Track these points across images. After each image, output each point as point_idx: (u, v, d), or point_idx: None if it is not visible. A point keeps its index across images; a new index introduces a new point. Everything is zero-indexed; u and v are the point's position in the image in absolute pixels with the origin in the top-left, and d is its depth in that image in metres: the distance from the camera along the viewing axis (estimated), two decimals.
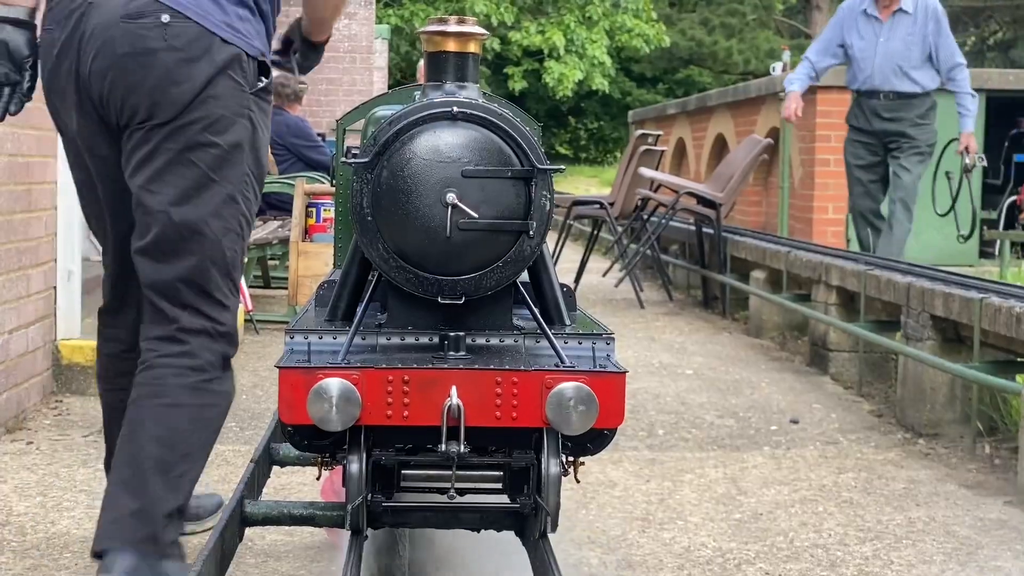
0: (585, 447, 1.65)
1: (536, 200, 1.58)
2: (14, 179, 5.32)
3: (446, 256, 1.57)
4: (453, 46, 1.64)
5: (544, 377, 1.47)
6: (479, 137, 1.57)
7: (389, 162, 1.56)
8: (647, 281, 11.36)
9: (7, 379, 5.30)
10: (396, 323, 1.63)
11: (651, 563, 4.11)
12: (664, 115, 18.82)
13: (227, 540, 1.64)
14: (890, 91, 8.66)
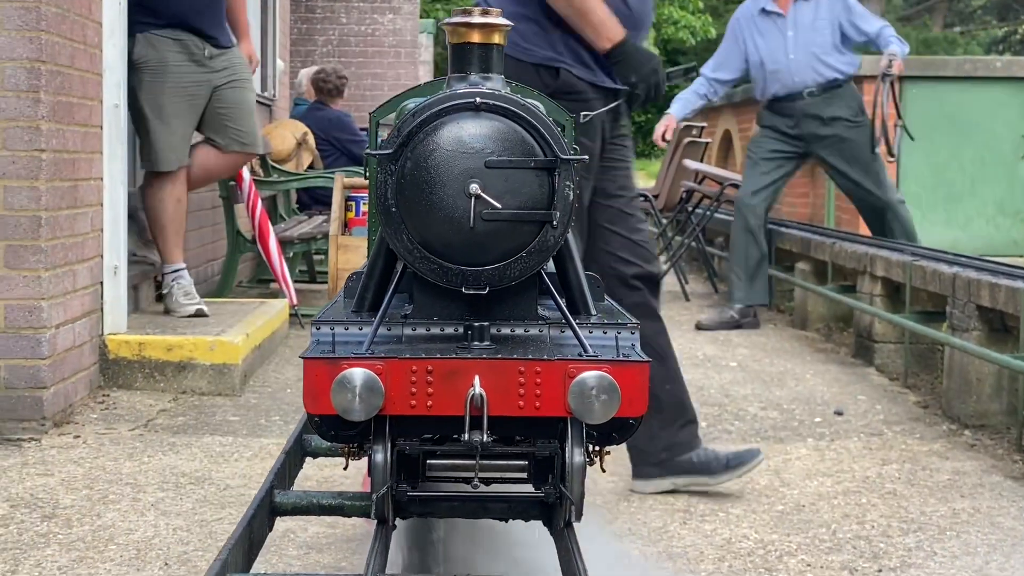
0: (610, 436, 1.65)
1: (560, 190, 1.58)
2: (59, 175, 5.38)
3: (470, 246, 1.57)
4: (477, 37, 1.64)
5: (567, 366, 1.48)
6: (502, 128, 1.58)
7: (413, 153, 1.57)
8: (693, 273, 11.34)
9: (54, 374, 5.35)
10: (422, 314, 1.64)
11: (691, 555, 4.11)
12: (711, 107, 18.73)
13: (255, 529, 1.65)
14: (813, 86, 8.30)
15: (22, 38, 5.16)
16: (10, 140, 5.18)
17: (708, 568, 3.98)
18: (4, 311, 5.23)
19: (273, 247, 7.86)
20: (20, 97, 5.17)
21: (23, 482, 4.64)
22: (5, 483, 4.62)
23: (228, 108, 6.95)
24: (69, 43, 5.50)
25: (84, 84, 5.72)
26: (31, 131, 5.18)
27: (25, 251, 5.21)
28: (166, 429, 5.48)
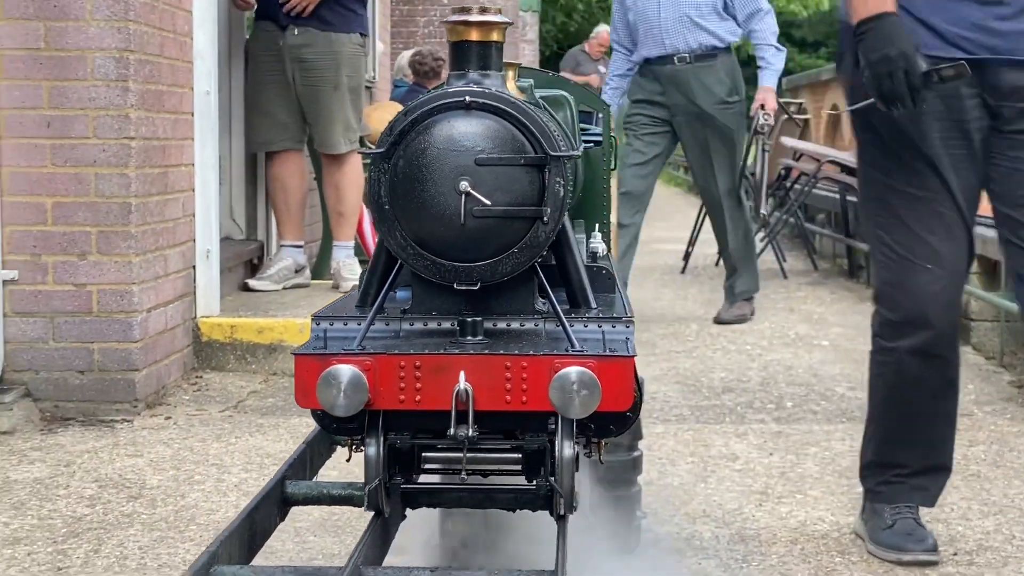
0: (607, 429, 1.67)
1: (550, 186, 1.60)
2: (149, 162, 5.49)
3: (461, 243, 1.60)
4: (476, 35, 1.67)
5: (553, 362, 1.50)
6: (493, 125, 1.60)
7: (405, 152, 1.60)
8: (794, 251, 11.24)
9: (146, 356, 5.48)
10: (420, 309, 1.68)
11: (764, 537, 4.10)
12: (818, 81, 18.51)
13: (258, 520, 1.69)
14: (685, 51, 7.29)
15: (111, 28, 5.27)
16: (100, 128, 5.30)
17: (779, 551, 3.97)
18: (97, 295, 5.36)
19: (368, 229, 7.95)
20: (109, 86, 5.29)
21: (113, 463, 4.76)
22: (95, 464, 4.74)
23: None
24: (158, 32, 5.60)
25: (174, 72, 5.82)
26: (120, 119, 5.30)
27: (116, 237, 5.33)
28: (255, 411, 5.58)
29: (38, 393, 5.35)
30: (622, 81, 7.63)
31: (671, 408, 5.74)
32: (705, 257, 10.78)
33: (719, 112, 7.37)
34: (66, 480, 4.54)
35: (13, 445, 4.95)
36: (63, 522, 4.11)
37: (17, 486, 4.46)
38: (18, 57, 5.27)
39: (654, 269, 10.44)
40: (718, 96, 7.34)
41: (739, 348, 7.08)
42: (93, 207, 5.31)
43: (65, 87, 5.29)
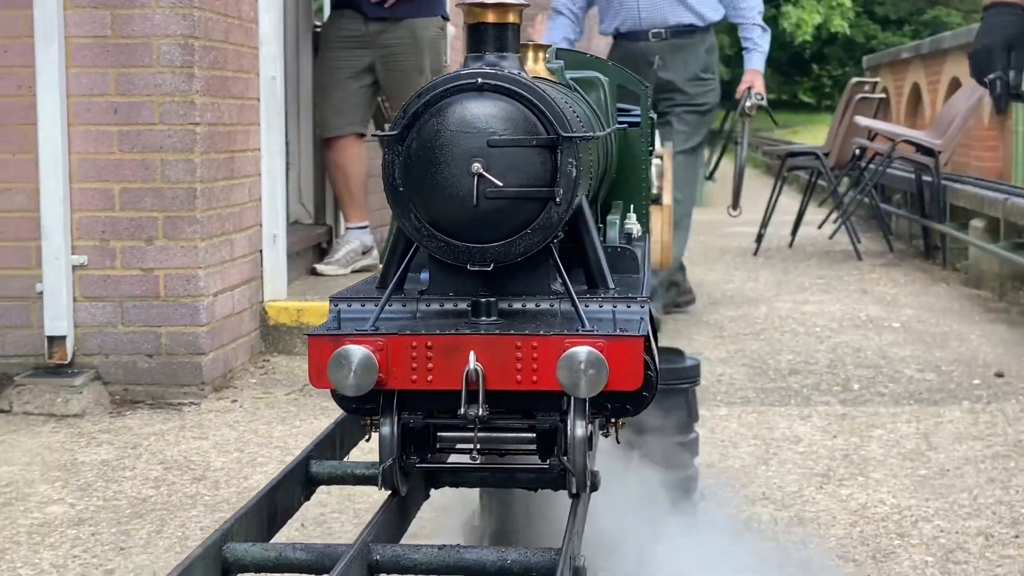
0: (624, 408, 1.67)
1: (562, 167, 1.61)
2: (215, 148, 5.54)
3: (474, 224, 1.61)
4: (492, 17, 1.67)
5: (563, 341, 1.51)
6: (505, 107, 1.61)
7: (418, 134, 1.61)
8: (870, 232, 11.14)
9: (213, 340, 5.54)
10: (436, 290, 1.69)
11: (823, 519, 4.08)
12: (898, 59, 18.29)
13: (279, 499, 1.71)
14: (662, 27, 6.69)
15: (175, 15, 5.32)
16: (166, 115, 5.36)
17: (838, 533, 3.95)
18: (164, 280, 5.42)
19: None
20: (175, 73, 5.35)
21: (179, 445, 4.82)
22: (162, 446, 4.81)
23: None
24: (223, 18, 5.65)
25: (240, 58, 5.88)
26: (185, 105, 5.36)
27: (182, 222, 5.39)
28: (320, 394, 5.62)
29: (108, 376, 5.43)
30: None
31: (736, 391, 5.72)
32: (779, 239, 10.71)
33: (691, 86, 6.81)
34: (132, 462, 4.61)
35: (82, 427, 5.04)
36: (128, 503, 4.17)
37: (85, 468, 4.53)
38: (85, 45, 5.34)
39: (727, 251, 10.39)
40: (692, 72, 6.81)
41: (808, 330, 7.03)
42: (159, 192, 5.37)
43: (131, 74, 5.35)
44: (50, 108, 5.30)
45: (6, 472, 4.47)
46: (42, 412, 5.19)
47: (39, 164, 5.33)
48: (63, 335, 5.37)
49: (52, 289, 5.36)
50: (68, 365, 5.39)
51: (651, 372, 1.64)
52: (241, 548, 1.50)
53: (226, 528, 1.52)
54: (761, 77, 6.84)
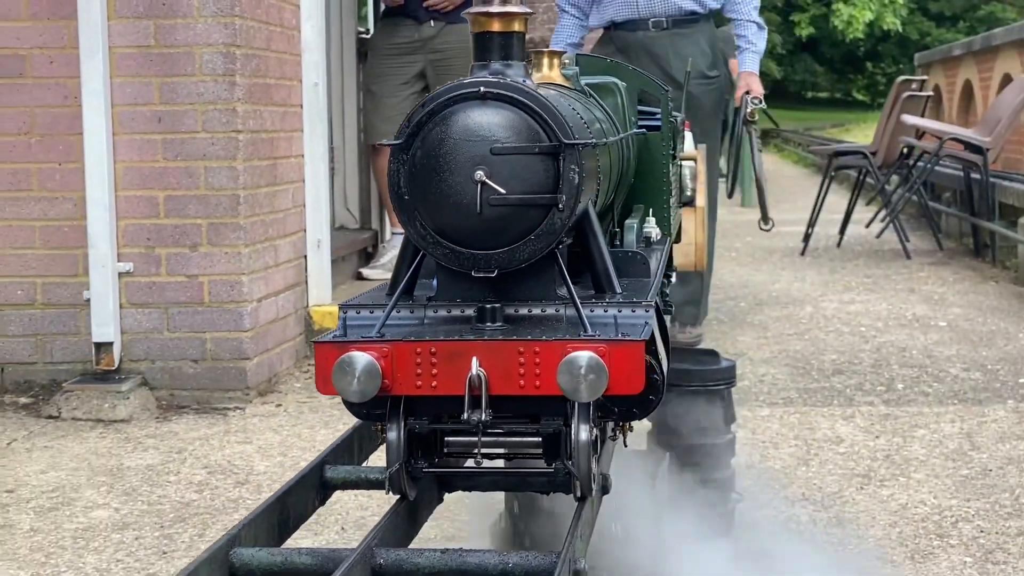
0: (631, 412, 1.69)
1: (565, 174, 1.63)
2: (257, 155, 5.60)
3: (479, 231, 1.63)
4: (498, 26, 1.70)
5: (565, 346, 1.53)
6: (508, 115, 1.63)
7: (423, 142, 1.64)
8: (920, 231, 11.07)
9: (257, 345, 5.59)
10: (444, 296, 1.71)
11: (862, 520, 4.07)
12: (950, 56, 18.15)
13: (291, 505, 1.74)
14: (662, 15, 6.11)
15: (217, 24, 5.38)
16: (209, 122, 5.41)
17: (877, 534, 3.94)
18: (208, 286, 5.48)
19: None
20: (217, 81, 5.40)
21: (223, 449, 4.87)
22: (206, 450, 4.86)
23: None
24: (265, 26, 5.71)
25: (282, 65, 5.93)
26: (227, 113, 5.41)
27: (225, 228, 5.45)
28: None
29: (154, 382, 5.49)
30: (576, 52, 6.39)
31: (778, 391, 5.71)
32: (827, 238, 10.67)
33: (697, 88, 6.21)
34: (177, 467, 4.66)
35: (129, 432, 5.10)
36: (171, 507, 4.22)
37: (130, 472, 4.59)
38: (129, 55, 5.40)
39: (774, 251, 10.36)
40: (697, 70, 6.19)
41: (853, 330, 7.01)
42: (203, 199, 5.43)
43: (175, 83, 5.42)
44: (95, 118, 5.37)
45: (53, 477, 4.53)
46: (90, 418, 5.25)
47: (85, 173, 5.40)
48: (110, 341, 5.44)
49: (99, 296, 5.43)
50: (115, 371, 5.46)
51: (657, 375, 1.66)
52: (248, 553, 1.53)
53: (233, 534, 1.55)
54: (757, 79, 6.22)
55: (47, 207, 5.48)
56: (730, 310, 7.66)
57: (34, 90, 5.46)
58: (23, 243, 5.50)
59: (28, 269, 5.51)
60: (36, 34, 5.44)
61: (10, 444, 4.92)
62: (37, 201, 5.48)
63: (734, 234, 11.58)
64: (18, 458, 4.75)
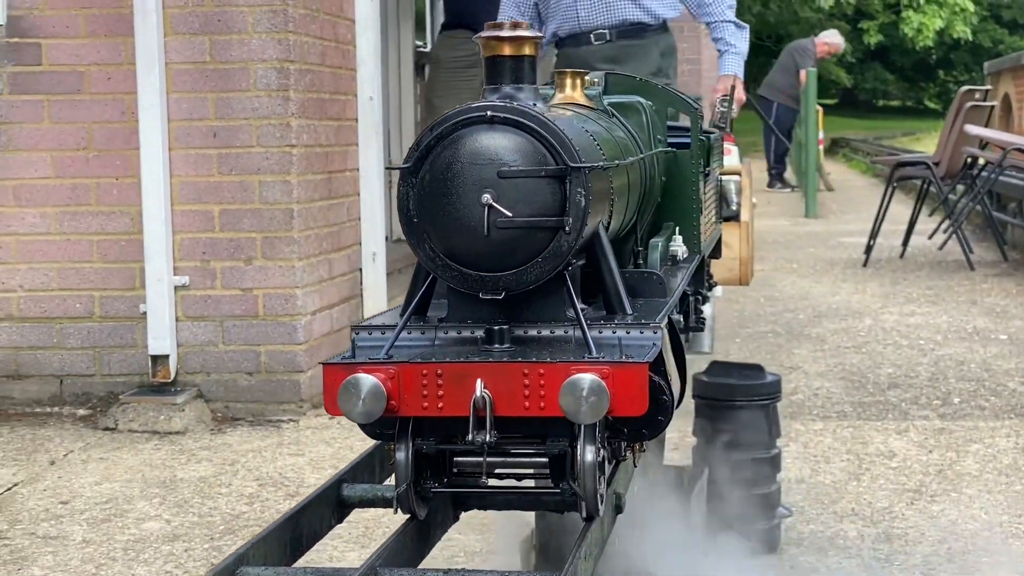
0: (640, 432, 1.70)
1: (571, 197, 1.64)
2: (311, 169, 5.64)
3: (486, 254, 1.65)
4: (508, 50, 1.71)
5: (568, 368, 1.53)
6: (515, 139, 1.64)
7: (431, 166, 1.65)
8: (985, 242, 10.95)
9: (311, 358, 5.63)
10: (455, 317, 1.73)
11: (911, 536, 4.04)
12: (1020, 64, 17.95)
13: (304, 523, 1.76)
14: (605, 28, 5.50)
15: (271, 40, 5.44)
16: (263, 137, 5.47)
17: (924, 551, 3.92)
18: (263, 300, 5.54)
19: None
20: (271, 96, 5.46)
21: (275, 461, 4.91)
22: (258, 463, 4.90)
23: None
24: (319, 41, 5.76)
25: (336, 80, 5.98)
26: (281, 128, 5.46)
27: (279, 242, 5.49)
28: None
29: (209, 394, 5.55)
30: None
31: (832, 404, 5.68)
32: (891, 249, 10.58)
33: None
34: (229, 479, 4.71)
35: (183, 444, 5.15)
36: (221, 519, 4.27)
37: (183, 484, 4.64)
38: (185, 71, 5.47)
39: (835, 263, 10.29)
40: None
41: (911, 343, 6.95)
42: (258, 213, 5.49)
43: (229, 98, 5.48)
44: (152, 133, 5.44)
45: (107, 489, 4.59)
46: (146, 429, 5.32)
47: (142, 187, 5.47)
48: (166, 354, 5.51)
49: (155, 309, 5.49)
50: (171, 383, 5.52)
51: (665, 396, 1.67)
52: (254, 572, 1.56)
53: (241, 552, 1.57)
54: (741, 82, 5.58)
55: (105, 221, 5.56)
56: (788, 323, 7.62)
57: (92, 106, 5.54)
58: (81, 257, 5.57)
59: (86, 283, 5.58)
60: (94, 51, 5.52)
61: (67, 456, 4.99)
62: (95, 215, 5.56)
63: (796, 246, 11.52)
64: (74, 469, 4.82)
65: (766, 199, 16.01)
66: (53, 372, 5.63)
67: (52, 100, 5.56)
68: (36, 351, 5.64)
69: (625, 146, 2.05)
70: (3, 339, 5.63)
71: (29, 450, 5.06)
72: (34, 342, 5.63)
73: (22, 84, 5.56)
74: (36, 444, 5.14)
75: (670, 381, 1.68)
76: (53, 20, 5.55)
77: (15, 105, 5.57)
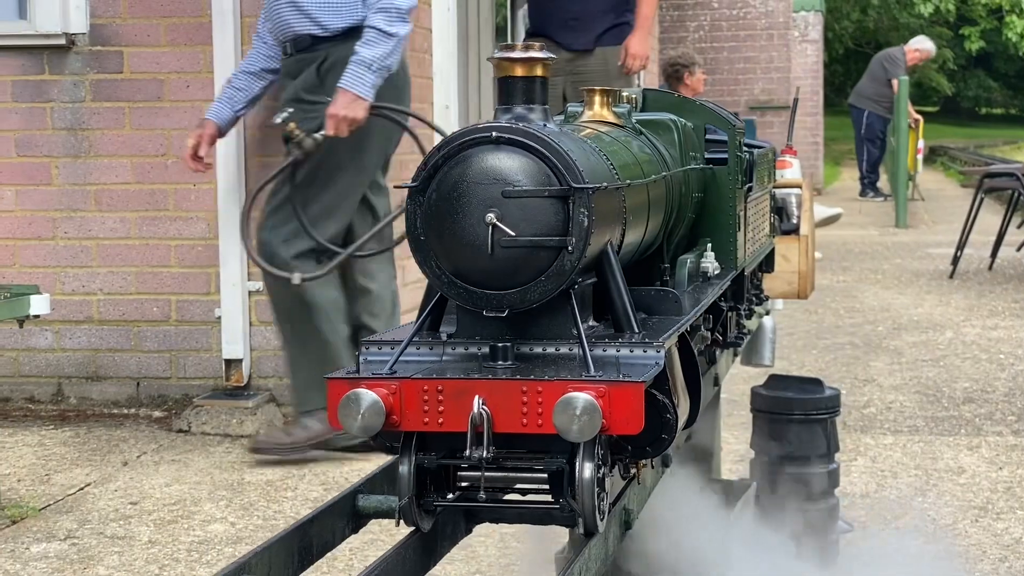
0: (644, 450, 1.71)
1: (574, 217, 1.66)
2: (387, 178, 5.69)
3: (491, 272, 1.67)
4: (520, 71, 1.73)
5: (566, 386, 1.56)
6: (520, 159, 1.66)
7: (438, 185, 1.68)
8: None
9: None
10: (464, 334, 1.76)
11: (972, 554, 4.00)
12: None
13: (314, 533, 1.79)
14: (286, 42, 5.07)
15: None
16: None
17: (985, 569, 3.88)
18: None
19: None
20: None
21: (342, 467, 4.97)
22: (326, 467, 4.96)
23: None
24: None
25: (413, 88, 6.01)
26: None
27: None
28: None
29: (281, 398, 5.62)
30: (249, 82, 5.17)
31: (905, 419, 5.63)
32: (979, 260, 10.44)
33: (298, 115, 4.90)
34: (295, 482, 4.77)
35: None
36: (285, 522, 4.32)
37: (250, 488, 4.71)
38: None
39: (921, 274, 10.18)
40: (291, 94, 5.02)
41: (991, 357, 6.86)
42: None
43: None
44: (228, 139, 5.51)
45: (176, 491, 4.67)
46: (218, 432, 5.40)
47: (218, 193, 5.56)
48: (239, 358, 5.59)
49: (229, 314, 5.58)
50: (244, 387, 5.61)
51: (669, 415, 1.68)
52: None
53: (243, 561, 1.61)
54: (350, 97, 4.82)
55: (182, 227, 5.66)
56: (867, 335, 7.56)
57: (172, 113, 5.64)
58: (159, 262, 5.68)
59: (164, 287, 5.69)
60: (174, 59, 5.62)
61: (139, 457, 5.09)
62: (172, 221, 5.66)
63: (883, 256, 11.41)
64: (145, 471, 4.91)
65: (857, 208, 15.87)
66: (130, 375, 5.74)
67: (133, 107, 5.68)
68: (114, 353, 5.75)
69: (650, 164, 2.06)
70: (83, 341, 5.75)
71: (104, 451, 5.17)
72: (112, 345, 5.74)
73: (104, 91, 5.68)
74: (111, 445, 5.25)
75: (675, 400, 1.69)
76: (135, 29, 5.66)
77: (97, 112, 5.69)
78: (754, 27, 14.32)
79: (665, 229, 2.17)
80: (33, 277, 5.52)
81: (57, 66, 5.69)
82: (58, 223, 5.72)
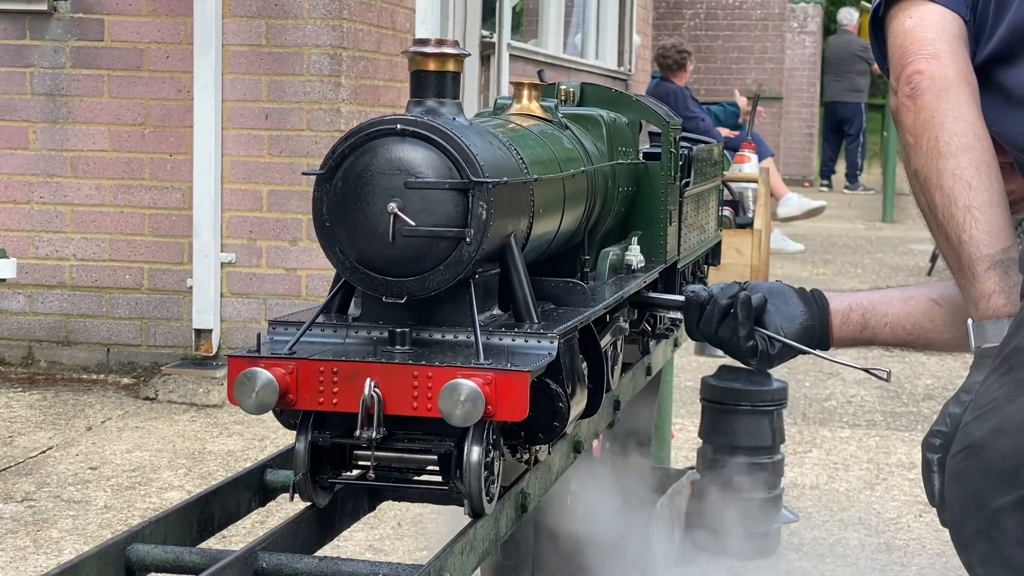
0: (536, 436, 1.77)
1: (473, 210, 1.72)
2: None
3: (391, 260, 1.73)
4: (433, 65, 1.78)
5: (454, 372, 1.61)
6: (424, 152, 1.71)
7: (345, 174, 1.74)
8: None
9: None
10: (368, 318, 1.81)
11: (912, 548, 4.08)
12: None
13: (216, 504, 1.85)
14: None
15: (326, 26, 5.55)
16: (313, 121, 5.59)
17: (922, 563, 3.95)
18: (306, 280, 5.67)
19: None
20: (323, 81, 5.57)
21: None
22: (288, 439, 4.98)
23: None
24: (375, 29, 5.86)
25: (392, 68, 6.07)
26: (332, 113, 5.58)
27: None
28: None
29: None
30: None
31: (864, 413, 5.69)
32: None
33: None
34: (256, 454, 4.83)
35: (218, 418, 5.29)
36: None
37: (210, 457, 4.77)
38: (241, 52, 5.60)
39: (900, 269, 10.24)
40: None
41: (956, 355, 6.91)
42: (304, 196, 5.59)
43: (282, 81, 5.60)
44: (206, 112, 5.57)
45: (137, 457, 4.74)
46: (184, 401, 5.46)
47: (194, 165, 5.61)
48: (209, 328, 5.65)
49: (201, 284, 5.64)
50: (213, 357, 5.66)
51: (561, 404, 1.74)
52: (144, 549, 1.65)
53: (135, 530, 1.67)
54: None
55: (157, 196, 5.71)
56: None
57: (150, 83, 5.69)
58: (133, 230, 5.73)
59: (137, 255, 5.74)
60: (154, 29, 5.67)
61: (104, 423, 5.15)
62: (148, 190, 5.71)
63: (865, 250, 11.47)
64: (108, 436, 4.97)
65: (846, 201, 15.91)
66: (101, 340, 5.80)
67: (112, 75, 5.72)
68: (86, 319, 5.80)
69: (570, 158, 2.11)
70: (55, 306, 5.81)
71: (69, 415, 5.23)
72: (84, 310, 5.80)
73: (84, 59, 5.72)
74: (77, 410, 5.31)
75: (567, 389, 1.75)
76: None
77: (76, 79, 5.74)
78: (749, 17, 14.35)
79: (586, 223, 2.22)
80: (6, 241, 5.58)
81: (38, 32, 5.73)
82: (34, 187, 5.77)
